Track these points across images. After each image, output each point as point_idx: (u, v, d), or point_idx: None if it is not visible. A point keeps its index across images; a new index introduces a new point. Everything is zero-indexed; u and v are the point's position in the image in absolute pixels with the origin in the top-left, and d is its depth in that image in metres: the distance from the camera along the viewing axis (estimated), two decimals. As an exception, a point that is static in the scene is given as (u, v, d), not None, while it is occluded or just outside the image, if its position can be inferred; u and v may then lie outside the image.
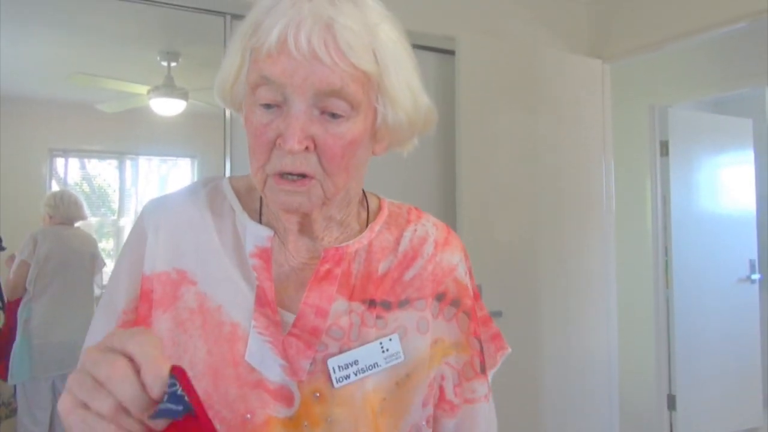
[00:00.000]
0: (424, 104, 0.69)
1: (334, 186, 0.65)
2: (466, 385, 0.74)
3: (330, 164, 0.63)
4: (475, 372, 0.75)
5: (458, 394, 0.73)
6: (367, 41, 0.61)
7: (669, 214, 3.95)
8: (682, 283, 3.94)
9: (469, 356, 0.75)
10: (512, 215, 2.65)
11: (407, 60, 0.67)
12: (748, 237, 4.28)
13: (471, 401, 0.74)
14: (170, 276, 0.69)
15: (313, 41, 0.58)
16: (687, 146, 4.03)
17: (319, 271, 0.69)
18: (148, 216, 0.72)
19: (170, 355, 0.65)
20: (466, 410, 0.74)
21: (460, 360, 0.74)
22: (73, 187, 6.14)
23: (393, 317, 0.71)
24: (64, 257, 3.34)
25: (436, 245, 0.77)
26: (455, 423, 0.74)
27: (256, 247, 0.69)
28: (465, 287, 0.77)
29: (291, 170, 0.62)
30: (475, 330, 0.76)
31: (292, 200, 0.64)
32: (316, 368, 0.67)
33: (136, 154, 6.37)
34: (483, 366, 0.76)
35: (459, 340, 0.74)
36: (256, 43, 0.61)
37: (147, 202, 0.76)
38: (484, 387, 0.76)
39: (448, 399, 0.73)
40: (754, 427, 4.18)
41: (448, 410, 0.73)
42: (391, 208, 0.79)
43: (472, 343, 0.76)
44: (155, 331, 0.66)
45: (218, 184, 0.76)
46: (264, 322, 0.67)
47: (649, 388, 3.94)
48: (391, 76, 0.64)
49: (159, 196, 0.77)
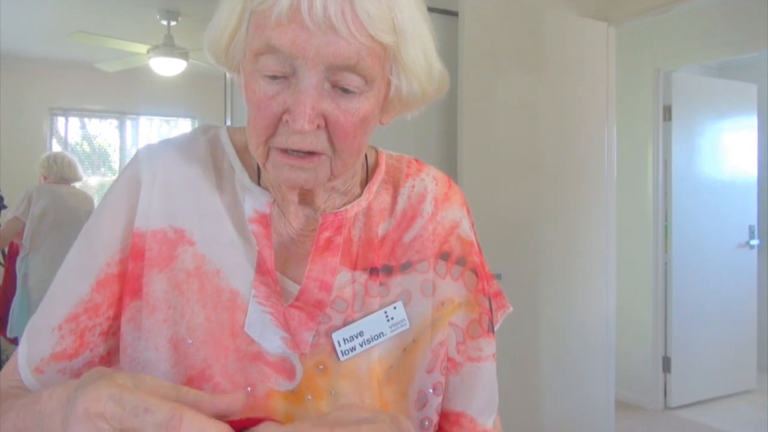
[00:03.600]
0: (438, 72, 0.64)
1: (343, 165, 0.60)
2: (471, 344, 0.70)
3: (341, 142, 0.58)
4: (483, 330, 0.71)
5: (461, 352, 0.69)
6: (387, 8, 0.55)
7: (670, 179, 3.94)
8: (681, 248, 3.96)
9: (477, 314, 0.71)
10: (513, 179, 2.65)
11: (424, 25, 0.61)
12: (749, 203, 4.29)
13: (476, 359, 0.70)
14: (167, 234, 0.64)
15: (329, 9, 0.52)
16: (690, 111, 4.00)
17: (319, 240, 0.65)
18: (144, 163, 0.66)
19: (166, 318, 0.62)
20: (470, 368, 0.70)
21: (466, 318, 0.70)
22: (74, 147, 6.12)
23: (396, 282, 0.68)
24: (59, 215, 3.35)
25: (436, 202, 0.72)
26: (457, 380, 0.69)
27: (255, 212, 0.65)
28: (470, 243, 0.73)
29: (299, 148, 0.57)
30: (483, 287, 0.72)
31: (297, 177, 0.59)
32: (319, 340, 0.64)
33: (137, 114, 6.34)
34: (491, 324, 0.72)
35: (467, 299, 0.70)
36: (262, 5, 0.55)
37: (142, 147, 0.69)
38: (491, 346, 0.71)
39: (450, 356, 0.69)
40: (747, 389, 4.26)
41: (451, 367, 0.69)
42: (389, 161, 0.74)
43: (480, 300, 0.71)
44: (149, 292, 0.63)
45: (217, 134, 0.71)
46: (264, 291, 0.64)
47: (645, 350, 4.00)
48: (408, 45, 0.59)
49: (155, 142, 0.70)
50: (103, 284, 0.63)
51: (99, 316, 0.63)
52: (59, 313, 0.63)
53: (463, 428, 0.69)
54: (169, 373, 0.61)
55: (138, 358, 0.62)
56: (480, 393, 0.69)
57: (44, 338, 0.62)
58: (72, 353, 0.62)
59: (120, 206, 0.65)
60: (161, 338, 0.62)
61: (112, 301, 0.63)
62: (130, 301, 0.63)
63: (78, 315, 0.62)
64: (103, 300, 0.63)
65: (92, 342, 0.63)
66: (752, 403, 4.08)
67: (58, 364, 0.62)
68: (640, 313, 4.00)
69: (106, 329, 0.63)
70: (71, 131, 5.85)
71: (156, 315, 0.62)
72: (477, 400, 0.69)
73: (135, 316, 0.62)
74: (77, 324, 0.62)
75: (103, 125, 6.05)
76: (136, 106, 5.94)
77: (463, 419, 0.69)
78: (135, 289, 0.63)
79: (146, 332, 0.62)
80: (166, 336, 0.62)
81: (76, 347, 0.62)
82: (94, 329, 0.63)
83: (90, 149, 6.03)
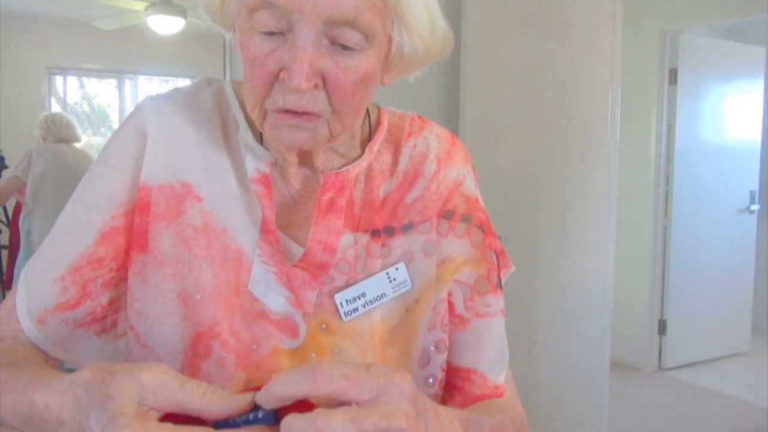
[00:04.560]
0: (441, 30, 0.62)
1: (342, 125, 0.59)
2: (479, 300, 0.69)
3: (340, 102, 0.56)
4: (491, 286, 0.70)
5: (469, 308, 0.69)
6: None
7: (673, 143, 3.92)
8: (681, 213, 3.96)
9: (485, 270, 0.69)
10: (515, 141, 2.64)
11: None
12: (751, 167, 4.27)
13: (484, 315, 0.69)
14: (174, 188, 0.63)
15: None
16: (696, 74, 3.95)
17: (321, 201, 0.64)
18: (149, 115, 0.65)
19: (174, 273, 0.62)
20: (479, 324, 0.69)
21: (473, 275, 0.69)
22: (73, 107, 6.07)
23: (397, 243, 0.67)
24: (60, 174, 3.36)
25: (438, 161, 0.70)
26: (466, 337, 0.69)
27: (257, 171, 0.64)
28: (475, 200, 0.71)
29: (296, 108, 0.56)
30: (490, 243, 0.71)
31: (295, 137, 0.58)
32: (322, 300, 0.64)
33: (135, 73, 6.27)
34: (499, 280, 0.71)
35: (473, 256, 0.69)
36: None
37: (144, 99, 0.67)
38: (499, 302, 0.70)
39: (458, 313, 0.69)
40: (741, 352, 4.32)
41: (458, 324, 0.69)
42: (392, 119, 0.72)
43: (488, 256, 0.70)
44: (156, 246, 0.62)
45: (221, 88, 0.69)
46: (269, 250, 0.63)
47: (641, 312, 4.05)
48: (410, 0, 0.57)
49: (158, 94, 0.68)
50: (108, 237, 0.63)
51: (102, 268, 0.63)
52: (61, 265, 0.62)
53: (473, 384, 0.69)
54: (179, 327, 0.62)
55: (146, 312, 0.62)
56: (489, 349, 0.69)
57: (45, 289, 0.62)
58: (74, 303, 0.63)
59: (125, 159, 0.64)
60: (170, 293, 0.62)
61: (116, 254, 0.63)
62: (137, 254, 0.63)
63: (81, 267, 0.62)
64: (107, 253, 0.63)
65: (94, 292, 0.63)
66: (745, 365, 4.15)
67: (61, 314, 0.62)
68: (638, 276, 4.03)
69: (108, 280, 0.64)
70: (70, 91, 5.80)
71: (164, 270, 0.62)
72: (486, 355, 0.69)
73: (142, 271, 0.62)
74: (80, 276, 0.62)
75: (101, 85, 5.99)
76: (135, 66, 5.87)
77: (474, 375, 0.69)
78: (142, 243, 0.63)
79: (154, 286, 0.62)
80: (174, 291, 0.62)
81: (78, 298, 0.63)
82: (96, 280, 0.63)
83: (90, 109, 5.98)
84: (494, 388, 0.69)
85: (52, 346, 0.63)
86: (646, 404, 3.49)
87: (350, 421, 0.40)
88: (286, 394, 0.42)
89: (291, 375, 0.42)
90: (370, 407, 0.41)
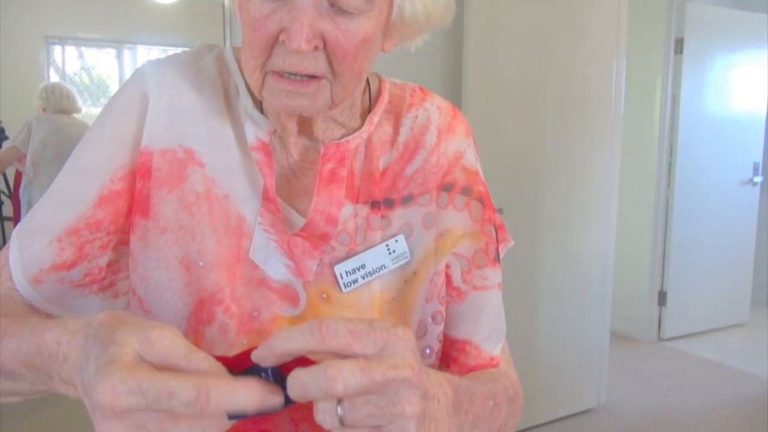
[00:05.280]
0: None
1: (344, 90, 0.58)
2: (477, 272, 0.69)
3: (341, 65, 0.56)
4: (489, 259, 0.70)
5: (467, 281, 0.69)
6: None
7: (678, 113, 3.89)
8: (684, 184, 3.95)
9: (483, 243, 0.70)
10: (518, 111, 2.62)
11: None
12: (755, 139, 4.24)
13: (481, 288, 0.70)
14: (177, 154, 0.63)
15: None
16: (703, 44, 3.90)
17: (322, 171, 0.64)
18: (151, 79, 0.64)
19: (177, 239, 0.62)
20: (476, 297, 0.69)
21: (472, 248, 0.69)
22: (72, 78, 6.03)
23: (397, 215, 0.67)
24: (60, 144, 3.35)
25: (439, 133, 0.70)
26: (463, 309, 0.69)
27: (257, 139, 0.64)
28: (475, 173, 0.71)
29: (297, 71, 0.55)
30: (489, 216, 0.71)
31: (295, 103, 0.57)
32: (322, 270, 0.64)
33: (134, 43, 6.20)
34: (497, 254, 0.71)
35: (472, 229, 0.69)
36: None
37: (144, 62, 0.66)
38: (497, 275, 0.71)
39: (455, 286, 0.69)
40: (740, 323, 4.36)
41: (455, 296, 0.69)
42: (393, 90, 0.71)
43: (487, 229, 0.70)
44: (158, 212, 0.62)
45: (222, 53, 0.68)
46: (270, 219, 0.63)
47: (642, 284, 4.07)
48: None
49: (158, 58, 0.66)
50: (107, 200, 0.62)
51: (100, 231, 0.63)
52: (57, 226, 0.62)
53: (468, 355, 0.69)
54: (182, 293, 0.62)
55: (149, 277, 0.62)
56: (485, 321, 0.70)
57: (41, 249, 0.62)
58: (70, 264, 0.62)
59: (126, 122, 0.63)
60: (172, 259, 0.62)
61: (115, 217, 0.63)
62: (139, 220, 0.62)
63: (78, 229, 0.62)
64: (106, 216, 0.62)
65: (91, 254, 0.63)
66: (743, 336, 4.18)
67: (57, 274, 0.62)
68: (639, 247, 4.04)
69: (106, 243, 0.63)
70: (69, 61, 5.74)
71: (166, 236, 0.62)
72: (482, 328, 0.70)
73: (144, 236, 0.62)
74: (77, 238, 0.62)
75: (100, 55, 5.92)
76: (134, 35, 5.79)
77: (469, 347, 0.69)
78: (143, 208, 0.62)
79: (156, 252, 0.62)
80: (177, 257, 0.62)
81: (75, 259, 0.62)
82: (93, 242, 0.63)
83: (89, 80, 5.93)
84: (489, 360, 0.70)
85: (49, 305, 0.63)
86: (645, 374, 3.53)
87: (360, 371, 0.40)
88: (289, 350, 0.42)
89: (295, 331, 0.41)
90: (377, 359, 0.41)
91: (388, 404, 0.41)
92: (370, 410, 0.41)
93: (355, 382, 0.40)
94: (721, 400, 3.18)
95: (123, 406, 0.38)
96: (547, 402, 2.87)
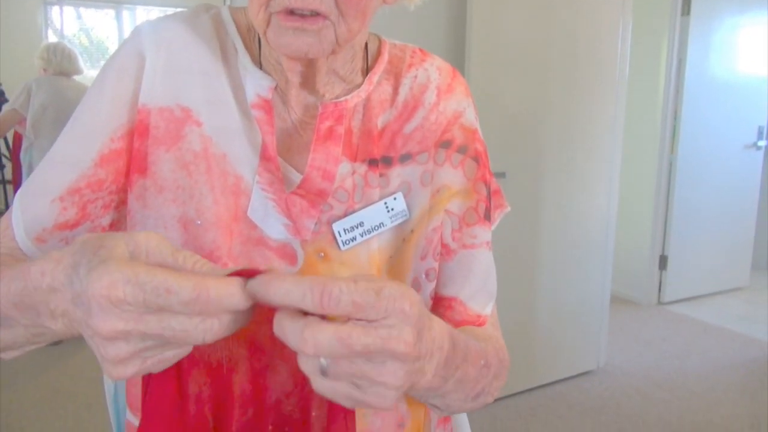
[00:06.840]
0: None
1: (349, 30, 0.58)
2: (467, 230, 0.70)
3: (347, 3, 0.56)
4: (479, 217, 0.70)
5: (456, 239, 0.70)
6: None
7: (683, 76, 3.84)
8: (688, 148, 3.93)
9: (474, 201, 0.70)
10: (522, 75, 2.59)
11: None
12: (760, 103, 4.20)
13: (470, 246, 0.70)
14: (174, 112, 0.63)
15: None
16: (710, 5, 3.82)
17: (320, 129, 0.65)
18: (148, 38, 0.64)
19: (175, 198, 0.62)
20: (465, 255, 0.70)
21: (463, 206, 0.70)
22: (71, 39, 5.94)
23: (395, 173, 0.68)
24: (60, 107, 3.30)
25: (439, 92, 0.70)
26: (451, 267, 0.70)
27: (257, 97, 0.64)
28: (473, 131, 0.72)
29: (302, 7, 0.55)
30: (483, 175, 0.71)
31: (300, 42, 0.57)
32: (320, 228, 0.65)
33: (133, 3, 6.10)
34: (488, 212, 0.72)
35: (464, 187, 0.70)
36: None
37: (142, 23, 0.66)
38: (486, 233, 0.71)
39: (445, 243, 0.69)
40: (740, 287, 4.38)
41: (445, 254, 0.70)
42: (393, 51, 0.72)
43: (479, 188, 0.71)
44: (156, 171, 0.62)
45: (219, 13, 0.68)
46: (268, 177, 0.63)
47: (643, 248, 4.08)
48: None
49: (156, 18, 0.66)
50: (107, 159, 0.62)
51: (102, 191, 0.63)
52: (59, 185, 0.62)
53: (454, 311, 0.70)
54: None
55: None
56: (473, 279, 0.70)
57: (44, 209, 0.62)
58: (74, 223, 0.62)
59: (123, 81, 0.63)
60: (170, 218, 0.62)
61: (116, 176, 0.63)
62: (137, 178, 0.63)
63: (80, 188, 0.62)
64: (107, 175, 0.63)
65: (94, 213, 0.63)
66: (743, 299, 4.22)
67: (60, 233, 0.62)
68: (641, 211, 4.04)
69: (108, 202, 0.64)
70: (67, 22, 5.66)
71: (164, 194, 0.62)
72: (469, 285, 0.70)
73: (142, 194, 0.62)
74: (80, 197, 0.62)
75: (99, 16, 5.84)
76: (133, -5, 5.71)
77: (455, 303, 0.70)
78: (141, 167, 0.63)
79: (154, 211, 0.62)
80: (175, 216, 0.62)
81: (78, 218, 0.62)
82: (96, 202, 0.63)
83: (88, 42, 5.86)
84: (475, 317, 0.70)
85: None
86: (645, 337, 3.57)
87: (338, 340, 0.40)
88: (285, 303, 0.41)
89: (296, 287, 0.41)
90: (368, 328, 0.41)
91: (371, 371, 0.42)
92: (353, 370, 0.42)
93: (329, 349, 0.40)
94: (721, 363, 3.22)
95: (120, 295, 0.38)
96: (547, 363, 2.91)
